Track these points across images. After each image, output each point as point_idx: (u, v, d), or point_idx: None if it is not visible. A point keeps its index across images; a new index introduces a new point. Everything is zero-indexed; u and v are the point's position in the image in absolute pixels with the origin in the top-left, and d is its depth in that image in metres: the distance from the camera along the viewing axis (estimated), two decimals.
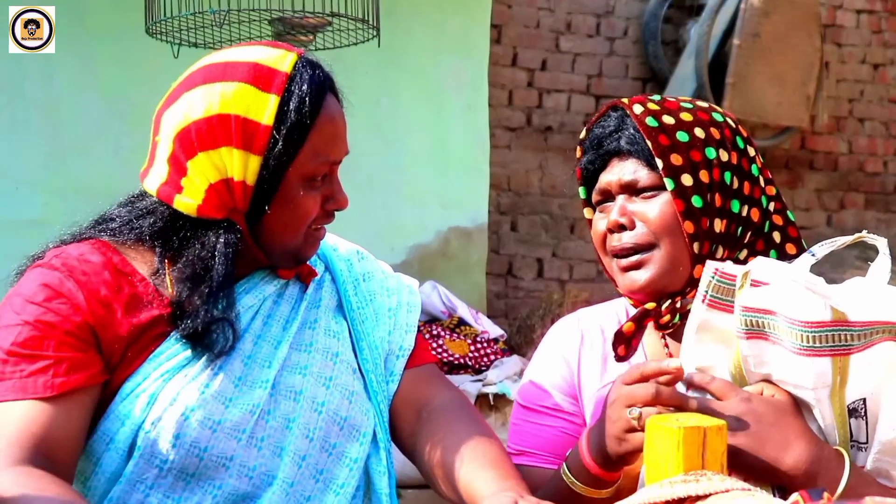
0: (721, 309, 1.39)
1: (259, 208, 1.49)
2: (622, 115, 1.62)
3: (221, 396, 1.47)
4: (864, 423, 1.34)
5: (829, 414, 1.35)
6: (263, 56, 1.51)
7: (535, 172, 5.81)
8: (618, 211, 1.60)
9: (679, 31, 6.03)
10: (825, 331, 1.30)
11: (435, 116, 5.00)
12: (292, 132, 1.47)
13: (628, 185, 1.60)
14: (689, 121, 1.60)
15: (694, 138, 1.58)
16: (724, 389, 1.37)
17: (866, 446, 1.35)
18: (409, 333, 1.67)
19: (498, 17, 5.60)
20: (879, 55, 6.51)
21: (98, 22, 4.33)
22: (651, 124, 1.58)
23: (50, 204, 4.10)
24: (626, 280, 1.61)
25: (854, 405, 1.34)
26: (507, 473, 1.46)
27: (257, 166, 1.47)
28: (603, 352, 1.71)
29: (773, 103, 5.80)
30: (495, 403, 4.28)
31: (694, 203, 1.56)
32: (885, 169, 6.54)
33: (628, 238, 1.59)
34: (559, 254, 5.86)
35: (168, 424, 1.44)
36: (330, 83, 1.54)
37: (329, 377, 1.57)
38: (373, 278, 1.70)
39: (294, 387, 1.54)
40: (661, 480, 1.19)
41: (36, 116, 4.30)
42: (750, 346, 1.36)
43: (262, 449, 1.50)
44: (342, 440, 1.55)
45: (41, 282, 1.47)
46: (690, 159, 1.57)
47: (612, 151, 1.62)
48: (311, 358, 1.57)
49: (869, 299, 1.33)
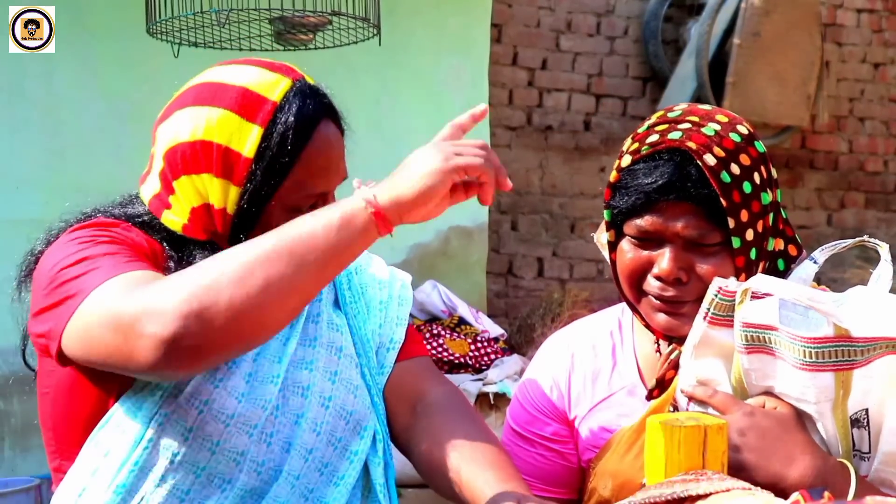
0: (721, 325, 1.38)
1: (240, 235, 1.48)
2: (682, 159, 1.48)
3: (235, 391, 1.47)
4: (867, 433, 1.34)
5: (831, 426, 1.34)
6: (255, 81, 1.48)
7: (535, 172, 5.81)
8: (674, 263, 1.50)
9: (679, 30, 6.03)
10: (828, 346, 1.29)
11: (435, 115, 4.97)
12: (274, 165, 1.45)
13: (690, 240, 1.50)
14: (749, 165, 1.50)
15: (754, 187, 1.50)
16: (727, 403, 1.36)
17: (869, 456, 1.35)
18: (400, 326, 1.67)
19: (498, 16, 5.60)
20: (880, 54, 6.51)
21: (98, 21, 4.33)
22: (725, 180, 1.47)
23: (50, 203, 4.07)
24: (661, 321, 1.54)
25: (857, 415, 1.33)
26: (508, 475, 1.46)
27: (237, 196, 1.47)
28: (593, 369, 1.67)
29: (774, 102, 5.79)
30: (496, 403, 4.28)
31: (751, 256, 1.51)
32: (886, 168, 6.53)
33: (682, 293, 1.51)
34: (559, 253, 5.86)
35: (181, 417, 1.44)
36: (326, 111, 1.51)
37: (334, 371, 1.57)
38: (364, 271, 1.70)
39: (302, 382, 1.54)
40: (662, 480, 1.19)
41: (36, 116, 4.30)
42: (751, 360, 1.35)
43: (271, 444, 1.50)
44: (347, 434, 1.56)
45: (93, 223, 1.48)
46: (752, 212, 1.49)
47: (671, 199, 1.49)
48: (317, 353, 1.57)
49: (872, 314, 1.31)
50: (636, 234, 1.53)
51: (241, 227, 1.48)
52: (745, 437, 1.32)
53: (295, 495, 1.51)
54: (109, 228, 1.47)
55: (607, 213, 1.58)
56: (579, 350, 1.69)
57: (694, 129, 1.51)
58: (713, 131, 1.51)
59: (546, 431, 1.68)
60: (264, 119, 1.45)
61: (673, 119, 1.55)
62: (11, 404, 4.09)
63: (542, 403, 1.69)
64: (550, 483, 1.67)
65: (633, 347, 1.67)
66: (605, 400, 1.65)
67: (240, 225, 1.48)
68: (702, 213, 1.48)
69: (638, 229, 1.52)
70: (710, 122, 1.53)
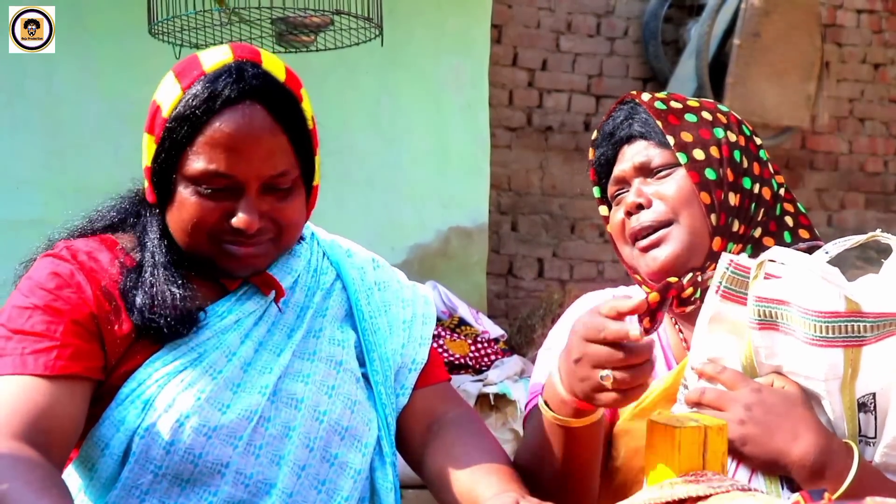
0: (734, 300, 1.39)
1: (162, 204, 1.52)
2: (632, 105, 1.67)
3: (217, 402, 1.47)
4: (874, 417, 1.35)
5: (838, 406, 1.35)
6: (207, 53, 1.52)
7: (535, 172, 5.80)
8: (635, 193, 1.63)
9: (679, 30, 6.03)
10: (839, 321, 1.30)
11: (435, 116, 5.00)
12: (180, 128, 1.46)
13: (642, 167, 1.63)
14: (696, 106, 1.67)
15: (702, 119, 1.64)
16: (735, 380, 1.38)
17: (874, 441, 1.35)
18: (423, 346, 1.66)
19: (498, 16, 5.60)
20: (880, 55, 6.51)
21: (98, 21, 4.33)
22: (659, 107, 1.64)
23: (50, 203, 4.10)
24: (647, 260, 1.61)
25: (864, 399, 1.34)
26: (509, 478, 1.46)
27: (153, 153, 1.50)
28: None
29: (774, 103, 5.79)
30: (496, 403, 4.28)
31: (708, 175, 1.60)
32: (886, 169, 6.53)
33: (647, 217, 1.61)
34: (559, 254, 5.86)
35: (163, 430, 1.44)
36: (254, 95, 1.46)
37: (332, 386, 1.55)
38: (388, 288, 1.69)
39: (295, 394, 1.52)
40: (662, 481, 1.19)
41: (36, 116, 4.30)
42: (762, 336, 1.36)
43: (259, 457, 1.49)
44: (343, 450, 1.54)
45: (52, 270, 1.48)
46: (700, 137, 1.61)
47: (623, 139, 1.66)
48: (314, 366, 1.55)
49: (884, 291, 1.33)
50: (614, 190, 1.68)
51: (159, 192, 1.51)
52: (751, 411, 1.34)
53: None
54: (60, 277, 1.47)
55: (596, 189, 1.72)
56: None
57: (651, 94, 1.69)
58: (666, 94, 1.70)
59: None
60: (188, 84, 1.47)
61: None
62: None
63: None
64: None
65: None
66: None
67: (157, 187, 1.50)
68: (651, 143, 1.63)
69: (613, 183, 1.68)
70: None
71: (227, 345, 1.51)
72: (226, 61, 1.48)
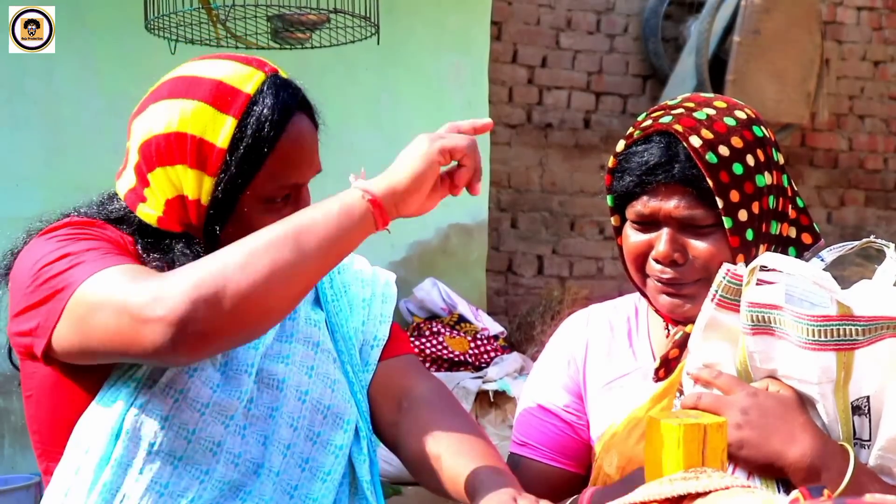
0: (729, 308, 1.40)
1: (215, 227, 1.50)
2: (670, 140, 1.53)
3: (209, 382, 1.48)
4: (868, 420, 1.35)
5: (832, 410, 1.35)
6: (229, 74, 1.49)
7: (535, 169, 5.80)
8: (669, 245, 1.55)
9: (679, 27, 6.03)
10: (830, 325, 1.31)
11: (435, 113, 4.99)
12: (248, 156, 1.46)
13: (682, 222, 1.54)
14: (741, 148, 1.53)
15: (747, 168, 1.53)
16: (730, 384, 1.38)
17: (869, 443, 1.36)
18: (384, 324, 1.68)
19: (498, 13, 5.59)
20: (880, 52, 6.51)
21: (98, 19, 4.33)
22: (711, 160, 1.51)
23: (50, 200, 4.06)
24: (664, 302, 1.59)
25: (858, 402, 1.35)
26: (498, 469, 1.47)
27: (211, 186, 1.47)
28: (610, 348, 1.72)
29: (774, 100, 5.79)
30: (495, 400, 4.28)
31: (747, 236, 1.54)
32: (886, 166, 6.53)
33: (679, 272, 1.55)
34: (559, 251, 5.86)
35: (156, 407, 1.45)
36: (301, 104, 1.52)
37: (311, 366, 1.58)
38: (347, 269, 1.72)
39: (277, 375, 1.54)
40: (662, 478, 1.19)
41: (36, 113, 4.30)
42: (756, 341, 1.37)
43: (245, 437, 1.50)
44: (326, 429, 1.57)
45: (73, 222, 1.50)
46: (745, 193, 1.52)
47: (661, 180, 1.53)
48: (293, 348, 1.58)
49: (875, 295, 1.34)
50: (635, 218, 1.58)
51: (215, 218, 1.49)
52: (748, 415, 1.34)
53: (278, 492, 1.52)
54: (86, 227, 1.49)
55: (610, 198, 1.64)
56: (597, 328, 1.74)
57: (685, 113, 1.57)
58: (705, 115, 1.56)
59: (560, 402, 1.71)
60: (238, 110, 1.46)
61: (670, 105, 1.61)
62: (11, 402, 4.09)
63: (558, 375, 1.73)
64: (560, 454, 1.71)
65: (647, 333, 1.71)
66: (619, 379, 1.68)
67: (214, 216, 1.49)
68: (693, 194, 1.52)
69: (636, 213, 1.57)
70: (705, 107, 1.58)
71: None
72: (262, 79, 1.49)
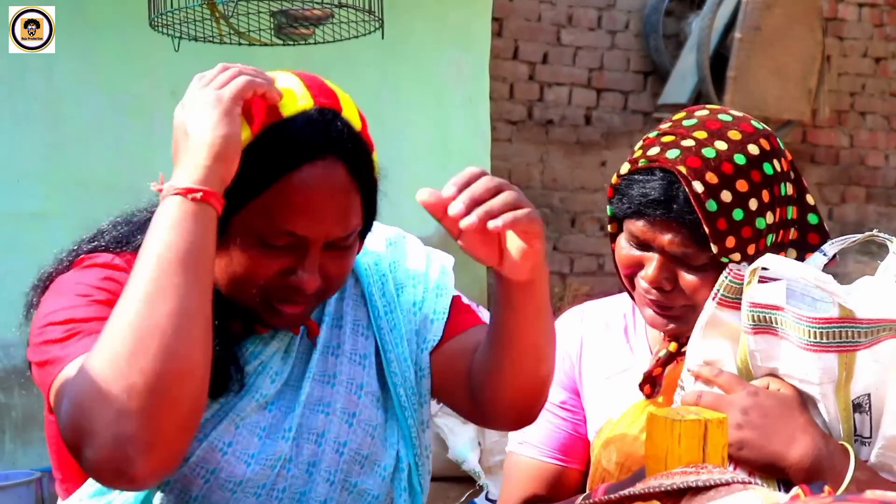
0: (729, 307, 1.40)
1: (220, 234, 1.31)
2: (671, 179, 1.50)
3: (244, 455, 1.38)
4: (868, 418, 1.35)
5: (833, 408, 1.35)
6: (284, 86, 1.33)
7: (536, 166, 5.80)
8: (658, 272, 1.54)
9: (680, 24, 6.03)
10: (832, 327, 1.31)
11: (436, 109, 4.99)
12: (244, 177, 1.27)
13: (674, 258, 1.53)
14: (745, 192, 1.49)
15: (748, 213, 1.50)
16: (731, 383, 1.38)
17: (870, 441, 1.36)
18: (437, 322, 1.52)
19: (499, 10, 5.59)
20: (881, 49, 6.51)
21: (99, 15, 4.33)
22: (710, 208, 1.48)
23: (51, 196, 4.10)
24: (649, 316, 1.59)
25: (858, 400, 1.35)
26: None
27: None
28: (606, 345, 1.72)
29: (775, 97, 5.79)
30: None
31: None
32: (887, 163, 6.53)
33: (667, 299, 1.55)
34: (560, 247, 5.86)
35: (187, 484, 1.36)
36: (334, 150, 1.32)
37: (353, 413, 1.46)
38: (399, 267, 1.56)
39: (317, 428, 1.44)
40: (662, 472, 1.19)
41: (37, 109, 4.30)
42: (757, 340, 1.37)
43: (282, 500, 1.41)
44: (363, 477, 1.46)
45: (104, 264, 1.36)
46: (742, 237, 1.50)
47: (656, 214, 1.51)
48: (335, 392, 1.45)
49: (877, 297, 1.33)
50: (630, 237, 1.57)
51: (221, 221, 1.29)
52: (748, 415, 1.34)
53: None
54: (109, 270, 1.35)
55: (609, 208, 1.62)
56: (592, 325, 1.74)
57: (695, 148, 1.51)
58: (714, 153, 1.50)
59: (556, 399, 1.71)
60: (260, 125, 1.30)
61: (684, 129, 1.55)
62: (12, 397, 4.09)
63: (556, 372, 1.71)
64: (558, 450, 1.71)
65: (644, 330, 1.71)
66: (618, 374, 1.68)
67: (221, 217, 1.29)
68: (688, 234, 1.50)
69: (631, 233, 1.57)
70: (718, 138, 1.51)
71: (252, 391, 1.41)
72: (306, 108, 1.31)
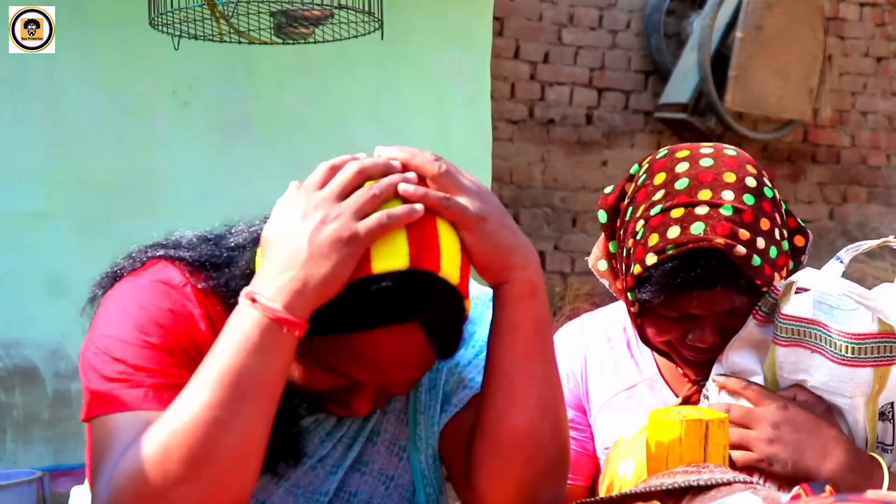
0: (764, 321, 1.39)
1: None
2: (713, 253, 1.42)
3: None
4: (892, 425, 1.35)
5: (862, 418, 1.35)
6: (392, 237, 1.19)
7: (537, 165, 5.80)
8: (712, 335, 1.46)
9: (682, 23, 6.03)
10: (871, 342, 1.30)
11: (437, 109, 4.99)
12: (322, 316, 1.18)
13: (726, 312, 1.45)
14: (768, 228, 1.45)
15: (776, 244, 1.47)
16: (760, 396, 1.37)
17: (892, 448, 1.36)
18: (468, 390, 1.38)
19: (500, 9, 5.59)
20: (882, 48, 6.50)
21: (99, 14, 4.32)
22: (756, 263, 1.42)
23: (52, 196, 4.09)
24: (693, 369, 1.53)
25: (882, 409, 1.35)
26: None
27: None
28: (611, 360, 1.69)
29: (776, 96, 5.79)
30: None
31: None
32: (888, 162, 6.53)
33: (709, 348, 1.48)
34: (561, 247, 5.85)
35: None
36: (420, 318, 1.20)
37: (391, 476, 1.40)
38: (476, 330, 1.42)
39: (351, 487, 1.38)
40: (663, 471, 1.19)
41: (38, 108, 4.30)
42: (787, 353, 1.36)
43: None
44: None
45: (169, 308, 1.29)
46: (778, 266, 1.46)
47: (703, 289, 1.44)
48: (376, 451, 1.39)
49: None
50: (669, 313, 1.48)
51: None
52: (780, 430, 1.33)
53: None
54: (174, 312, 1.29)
55: (631, 294, 1.52)
56: (594, 341, 1.71)
57: (713, 213, 1.43)
58: (732, 210, 1.43)
59: None
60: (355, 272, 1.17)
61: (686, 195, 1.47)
62: (13, 396, 4.09)
63: None
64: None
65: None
66: (626, 391, 1.66)
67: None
68: (740, 293, 1.44)
69: (672, 311, 1.47)
70: (723, 190, 1.45)
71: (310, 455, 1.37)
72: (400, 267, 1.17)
